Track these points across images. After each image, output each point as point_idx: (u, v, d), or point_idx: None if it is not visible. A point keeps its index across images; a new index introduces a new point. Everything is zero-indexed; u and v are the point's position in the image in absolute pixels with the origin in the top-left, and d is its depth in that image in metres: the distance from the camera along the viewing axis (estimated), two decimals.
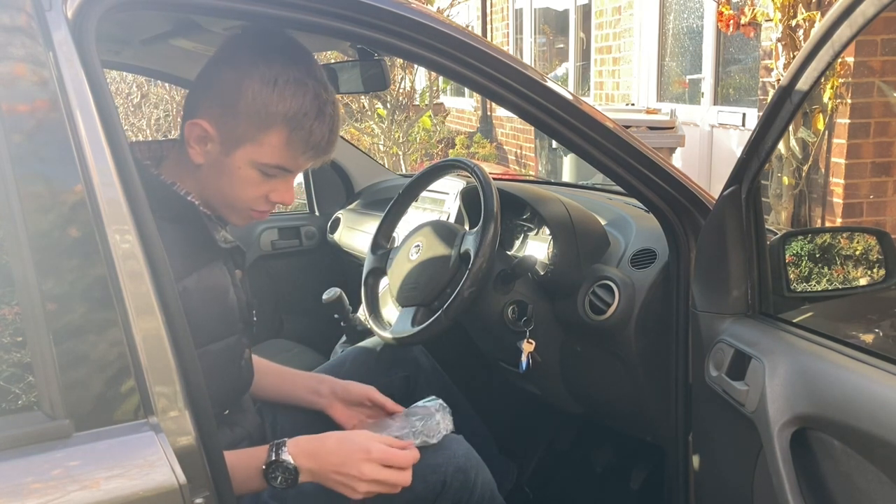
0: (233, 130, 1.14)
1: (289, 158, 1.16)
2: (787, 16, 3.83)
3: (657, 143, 4.39)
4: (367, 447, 1.16)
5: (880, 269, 1.39)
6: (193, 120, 1.14)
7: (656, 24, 5.96)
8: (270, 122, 1.13)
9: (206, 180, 1.19)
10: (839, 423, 0.99)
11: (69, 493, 0.79)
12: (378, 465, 1.16)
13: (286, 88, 1.12)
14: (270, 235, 2.64)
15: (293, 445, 1.14)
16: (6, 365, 0.82)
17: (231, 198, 1.19)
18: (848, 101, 3.86)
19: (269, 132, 1.13)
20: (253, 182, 1.17)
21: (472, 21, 9.71)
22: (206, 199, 1.21)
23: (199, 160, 1.17)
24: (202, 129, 1.14)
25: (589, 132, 1.27)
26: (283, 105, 1.12)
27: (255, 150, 1.14)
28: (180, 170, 1.20)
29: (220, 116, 1.14)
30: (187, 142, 1.16)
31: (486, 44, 1.21)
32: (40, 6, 0.84)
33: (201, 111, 1.15)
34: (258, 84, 1.12)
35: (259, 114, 1.12)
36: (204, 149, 1.16)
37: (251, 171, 1.16)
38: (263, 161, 1.15)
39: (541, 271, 1.64)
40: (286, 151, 1.15)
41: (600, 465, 2.01)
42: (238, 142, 1.14)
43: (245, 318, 1.30)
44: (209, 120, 1.14)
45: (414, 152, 6.83)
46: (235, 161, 1.15)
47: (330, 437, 1.19)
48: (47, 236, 0.82)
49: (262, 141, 1.14)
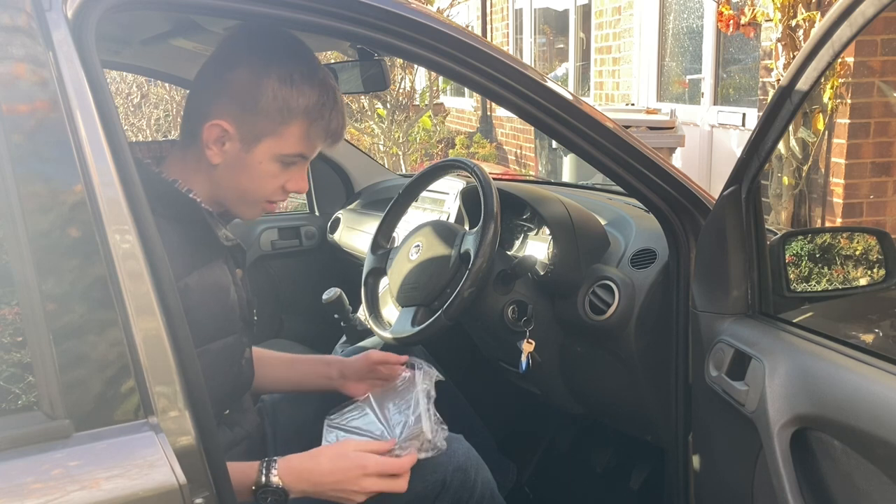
0: (253, 127, 1.16)
1: (308, 146, 1.21)
2: (787, 16, 3.83)
3: (657, 143, 4.39)
4: (363, 463, 1.17)
5: (880, 269, 1.39)
6: (212, 122, 1.15)
7: (656, 24, 5.96)
8: (291, 116, 1.17)
9: (223, 178, 1.20)
10: (839, 423, 0.99)
11: (69, 493, 0.79)
12: (376, 478, 1.17)
13: (303, 83, 1.17)
14: (270, 235, 2.64)
15: (284, 468, 1.14)
16: (6, 365, 0.82)
17: (250, 192, 1.21)
18: (848, 101, 3.86)
19: (290, 125, 1.17)
20: (273, 174, 1.20)
21: (472, 21, 9.71)
22: (217, 196, 1.22)
23: (218, 160, 1.18)
24: (222, 130, 1.16)
25: (589, 132, 1.27)
26: (302, 100, 1.16)
27: (276, 143, 1.17)
28: (184, 169, 1.21)
29: (240, 115, 1.16)
30: (205, 144, 1.17)
31: (486, 44, 1.21)
32: (40, 6, 0.84)
33: (217, 112, 1.16)
34: (276, 82, 1.15)
35: (280, 110, 1.16)
36: (222, 149, 1.17)
37: (272, 164, 1.19)
38: (285, 152, 1.19)
39: (541, 271, 1.64)
40: (306, 141, 1.19)
41: (600, 465, 2.01)
42: (258, 138, 1.17)
43: (246, 317, 1.30)
44: (228, 120, 1.16)
45: (414, 152, 6.83)
46: (256, 156, 1.18)
47: (322, 456, 1.19)
48: (47, 236, 0.82)
49: (282, 134, 1.17)
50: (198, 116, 1.18)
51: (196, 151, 1.19)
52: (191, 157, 1.20)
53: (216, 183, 1.21)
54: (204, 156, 1.18)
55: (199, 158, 1.19)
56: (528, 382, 1.78)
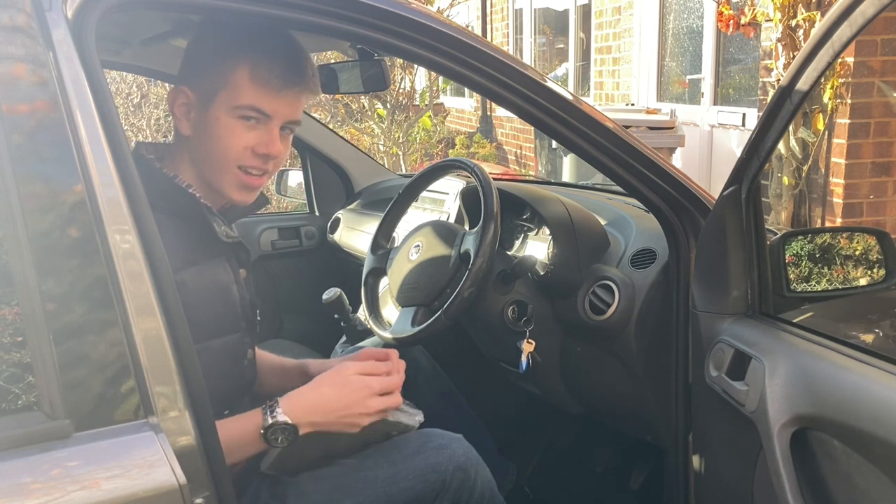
0: (205, 85, 1.20)
1: (260, 96, 1.19)
2: (787, 16, 3.83)
3: (657, 143, 4.39)
4: (368, 384, 1.21)
5: (880, 269, 1.40)
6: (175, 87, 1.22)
7: (656, 24, 5.96)
8: (234, 62, 1.18)
9: (196, 150, 1.23)
10: (839, 423, 0.99)
11: (69, 493, 0.79)
12: (380, 397, 1.21)
13: (250, 32, 1.20)
14: (270, 235, 2.64)
15: (288, 404, 1.15)
16: (6, 365, 0.82)
17: (218, 157, 1.21)
18: (848, 101, 3.85)
19: (235, 72, 1.18)
20: (233, 131, 1.19)
21: (472, 21, 9.71)
22: (202, 176, 1.24)
23: (188, 131, 1.22)
24: (184, 95, 1.21)
25: (589, 132, 1.27)
26: (248, 46, 1.19)
27: (227, 95, 1.19)
28: (176, 159, 1.24)
29: (195, 76, 1.21)
30: (174, 115, 1.22)
31: (486, 44, 1.21)
32: (40, 6, 0.84)
33: (180, 81, 1.23)
34: (214, 36, 1.22)
35: (223, 58, 1.19)
36: (188, 117, 1.22)
37: (230, 120, 1.19)
38: (237, 103, 1.19)
39: (541, 271, 1.64)
40: (256, 88, 1.19)
41: (600, 465, 2.01)
42: (212, 94, 1.19)
43: (248, 316, 1.30)
44: (188, 86, 1.21)
45: (414, 152, 6.83)
46: (213, 113, 1.19)
47: (324, 386, 1.21)
48: (47, 236, 0.82)
49: (231, 83, 1.18)
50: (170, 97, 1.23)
51: (178, 136, 1.24)
52: (177, 145, 1.25)
53: (194, 159, 1.24)
54: (180, 134, 1.23)
55: (180, 140, 1.24)
56: (528, 382, 1.78)
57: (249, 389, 1.37)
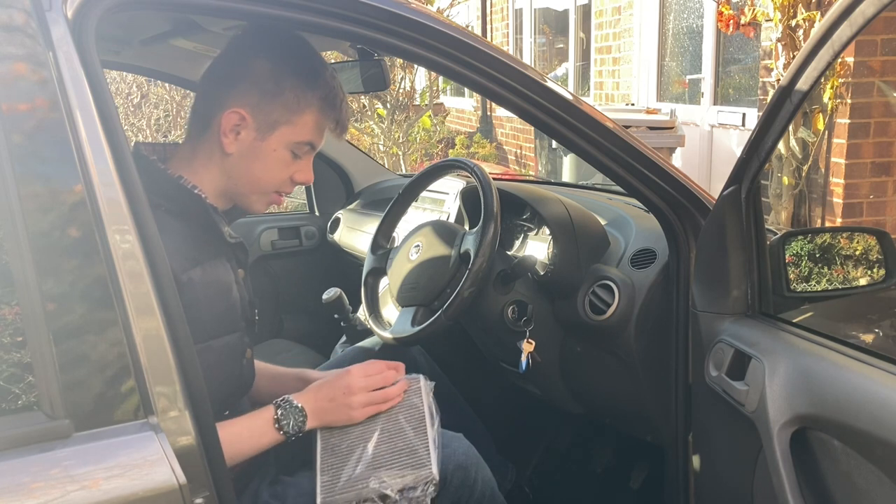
0: (269, 115, 1.21)
1: (318, 135, 1.27)
2: (787, 16, 3.83)
3: (657, 143, 4.39)
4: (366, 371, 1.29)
5: (880, 269, 1.40)
6: (231, 109, 1.20)
7: (656, 24, 5.96)
8: (305, 105, 1.23)
9: (236, 168, 1.23)
10: (839, 423, 0.99)
11: (69, 493, 0.79)
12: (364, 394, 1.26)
13: (318, 76, 1.24)
14: (270, 235, 2.64)
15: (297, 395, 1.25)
16: (6, 365, 0.82)
17: (262, 181, 1.25)
18: (848, 101, 3.85)
19: (304, 114, 1.23)
20: (284, 163, 1.25)
21: (472, 21, 9.71)
22: (228, 188, 1.25)
23: (232, 149, 1.22)
24: (240, 118, 1.20)
25: (589, 132, 1.27)
26: (318, 91, 1.23)
27: (290, 131, 1.23)
28: (192, 164, 1.23)
29: (257, 104, 1.20)
30: (222, 132, 1.20)
31: (486, 44, 1.21)
32: (40, 6, 0.84)
33: (235, 101, 1.20)
34: (294, 73, 1.22)
35: (298, 100, 1.22)
36: (237, 137, 1.21)
37: (284, 152, 1.24)
38: (297, 140, 1.24)
39: (541, 271, 1.64)
40: (317, 130, 1.26)
41: (600, 465, 2.01)
42: (274, 126, 1.22)
43: (247, 316, 1.30)
44: (246, 109, 1.20)
45: (414, 152, 6.83)
46: (271, 144, 1.22)
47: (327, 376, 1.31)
48: (47, 236, 0.82)
49: (296, 122, 1.23)
50: (212, 107, 1.21)
51: (208, 143, 1.22)
52: (201, 151, 1.23)
53: (228, 173, 1.23)
54: (217, 146, 1.21)
55: (212, 150, 1.22)
56: (528, 382, 1.78)
57: (248, 390, 1.37)
